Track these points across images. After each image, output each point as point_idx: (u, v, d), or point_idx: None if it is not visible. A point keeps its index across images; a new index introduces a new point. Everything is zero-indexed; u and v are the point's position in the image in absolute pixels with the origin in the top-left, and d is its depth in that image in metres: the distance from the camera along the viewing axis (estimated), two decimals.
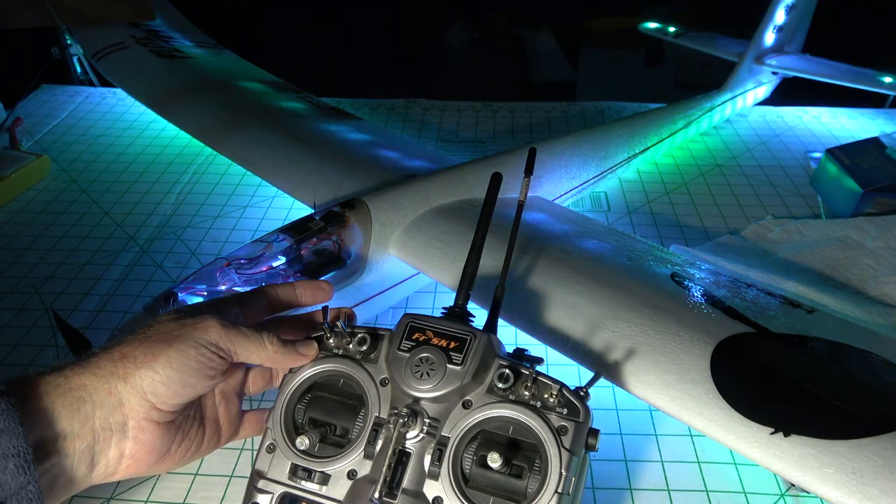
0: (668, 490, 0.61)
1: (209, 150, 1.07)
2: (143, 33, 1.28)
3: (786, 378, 0.53)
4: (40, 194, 1.06)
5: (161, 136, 1.23)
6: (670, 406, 0.53)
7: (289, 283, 0.52)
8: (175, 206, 1.03)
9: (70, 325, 0.62)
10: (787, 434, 0.48)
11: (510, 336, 0.72)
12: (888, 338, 0.60)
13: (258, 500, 0.43)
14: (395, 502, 0.41)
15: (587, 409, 0.42)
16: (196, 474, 0.63)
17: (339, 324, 0.46)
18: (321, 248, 0.68)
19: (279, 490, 0.43)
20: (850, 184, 0.96)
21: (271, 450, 0.44)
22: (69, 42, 1.36)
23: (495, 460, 0.39)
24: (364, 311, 0.72)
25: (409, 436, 0.42)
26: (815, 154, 1.15)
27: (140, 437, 0.40)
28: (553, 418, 0.41)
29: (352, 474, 0.42)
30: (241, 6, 2.07)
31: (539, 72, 2.10)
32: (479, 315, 0.50)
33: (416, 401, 0.43)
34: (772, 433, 0.48)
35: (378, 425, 0.43)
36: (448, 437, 0.41)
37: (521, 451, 0.42)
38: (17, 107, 1.28)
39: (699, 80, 1.70)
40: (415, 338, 0.45)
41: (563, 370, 0.69)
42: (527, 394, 0.42)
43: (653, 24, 1.50)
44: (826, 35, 1.37)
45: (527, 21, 2.14)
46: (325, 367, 0.46)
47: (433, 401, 0.43)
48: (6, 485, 0.33)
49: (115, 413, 0.39)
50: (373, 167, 0.87)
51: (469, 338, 0.44)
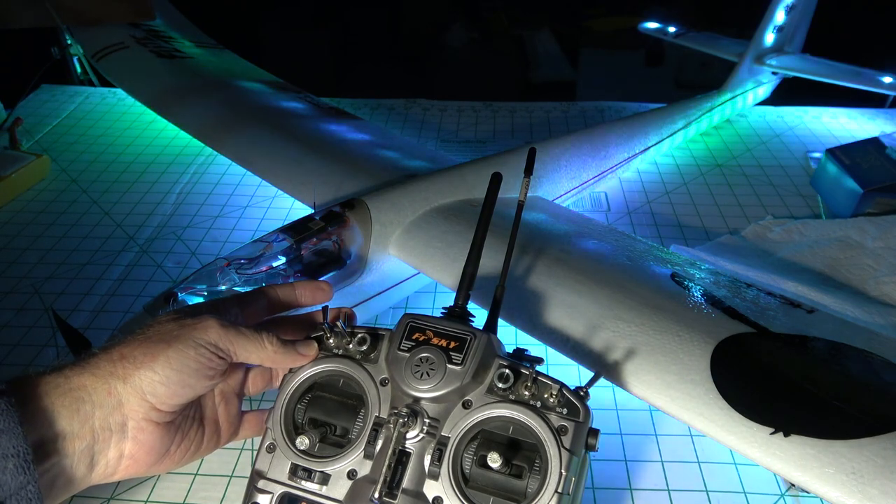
0: (668, 490, 0.61)
1: (209, 150, 1.07)
2: (143, 33, 1.28)
3: (786, 378, 0.53)
4: (40, 194, 1.06)
5: (161, 136, 1.23)
6: (670, 406, 0.53)
7: (288, 284, 0.52)
8: (175, 206, 1.03)
9: (70, 325, 0.62)
10: (787, 434, 0.48)
11: (510, 336, 0.72)
12: (888, 338, 0.60)
13: (258, 500, 0.43)
14: (395, 502, 0.41)
15: (587, 409, 0.42)
16: (196, 474, 0.63)
17: (339, 324, 0.46)
18: (321, 248, 0.68)
19: (279, 490, 0.43)
20: (850, 184, 0.96)
21: (271, 450, 0.44)
22: (69, 42, 1.36)
23: (495, 460, 0.39)
24: (364, 311, 0.72)
25: (409, 436, 0.42)
26: (815, 154, 1.15)
27: (139, 437, 0.40)
28: (553, 418, 0.41)
29: (352, 474, 0.42)
30: (241, 6, 2.07)
31: (539, 72, 2.10)
32: (479, 315, 0.50)
33: (416, 401, 0.43)
34: (772, 433, 0.48)
35: (378, 425, 0.43)
36: (448, 437, 0.41)
37: (521, 451, 0.42)
38: (17, 107, 1.28)
39: (699, 80, 1.70)
40: (415, 338, 0.45)
41: (563, 370, 0.69)
42: (527, 394, 0.42)
43: (653, 24, 1.50)
44: (826, 35, 1.37)
45: (527, 21, 2.14)
46: (325, 367, 0.46)
47: (433, 401, 0.43)
48: (6, 485, 0.33)
49: (114, 413, 0.39)
50: (373, 167, 0.87)
51: (469, 338, 0.44)
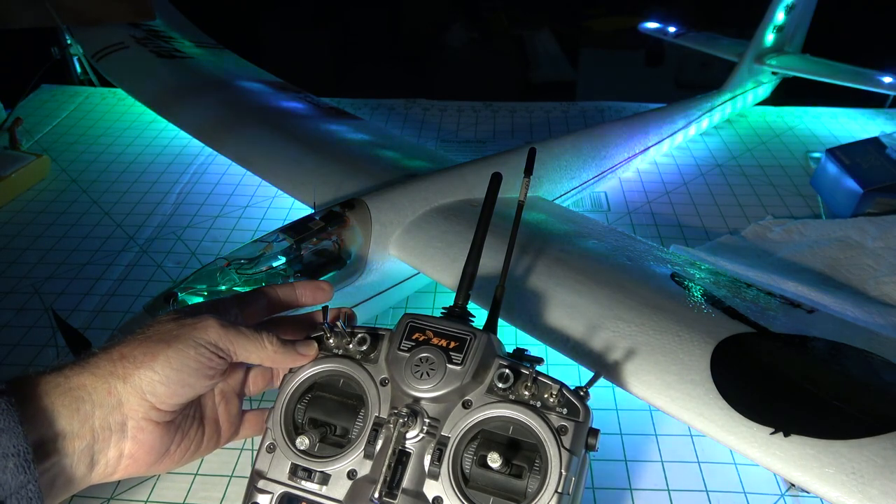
0: (668, 490, 0.61)
1: (209, 150, 1.07)
2: (143, 33, 1.28)
3: (786, 378, 0.53)
4: (40, 194, 1.06)
5: (161, 136, 1.23)
6: (670, 406, 0.53)
7: (289, 284, 0.52)
8: (175, 206, 1.03)
9: (70, 325, 0.62)
10: (787, 434, 0.48)
11: (510, 336, 0.72)
12: (888, 338, 0.60)
13: (258, 500, 0.43)
14: (395, 502, 0.41)
15: (587, 408, 0.42)
16: (196, 474, 0.63)
17: (339, 324, 0.46)
18: (321, 248, 0.68)
19: (279, 490, 0.43)
20: (850, 184, 0.96)
21: (271, 450, 0.44)
22: (69, 42, 1.36)
23: (495, 460, 0.39)
24: (364, 311, 0.72)
25: (409, 436, 0.42)
26: (815, 154, 1.15)
27: (139, 436, 0.40)
28: (553, 418, 0.41)
29: (352, 474, 0.42)
30: (241, 6, 2.07)
31: (539, 72, 2.10)
32: (479, 315, 0.50)
33: (416, 401, 0.43)
34: (772, 433, 0.48)
35: (378, 425, 0.43)
36: (448, 437, 0.41)
37: (521, 450, 0.42)
38: (17, 107, 1.28)
39: (699, 80, 1.69)
40: (415, 338, 0.45)
41: (563, 370, 0.70)
42: (527, 394, 0.42)
43: (653, 24, 1.50)
44: (826, 35, 1.37)
45: (527, 21, 2.14)
46: (325, 367, 0.46)
47: (433, 401, 0.43)
48: (6, 484, 0.34)
49: (114, 413, 0.39)
50: (373, 167, 0.87)
51: (469, 338, 0.44)
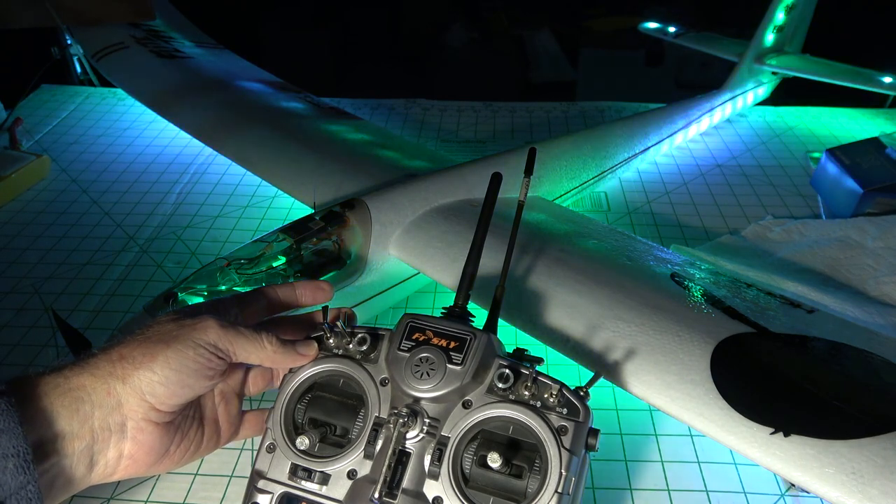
0: (668, 490, 0.61)
1: (209, 150, 1.07)
2: (143, 33, 1.28)
3: (786, 378, 0.53)
4: (40, 194, 1.06)
5: (161, 136, 1.23)
6: (670, 406, 0.53)
7: (289, 284, 0.52)
8: (175, 206, 1.03)
9: (70, 325, 0.62)
10: (787, 434, 0.48)
11: (510, 336, 0.72)
12: (888, 338, 0.60)
13: (258, 500, 0.43)
14: (395, 502, 0.40)
15: (587, 408, 0.42)
16: (196, 474, 0.63)
17: (339, 324, 0.46)
18: (321, 248, 0.68)
19: (279, 490, 0.43)
20: (850, 184, 0.96)
21: (271, 450, 0.44)
22: (69, 42, 1.36)
23: (495, 460, 0.39)
24: (364, 311, 0.72)
25: (409, 436, 0.42)
26: (815, 154, 1.15)
27: (139, 437, 0.40)
28: (553, 418, 0.41)
29: (352, 474, 0.42)
30: (241, 6, 2.07)
31: (539, 72, 2.10)
32: (480, 315, 0.50)
33: (416, 401, 0.43)
34: (772, 433, 0.48)
35: (378, 425, 0.43)
36: (448, 437, 0.41)
37: (521, 451, 0.41)
38: (17, 107, 1.28)
39: (699, 80, 1.70)
40: (415, 338, 0.44)
41: (563, 370, 0.70)
42: (527, 394, 0.42)
43: (653, 24, 1.50)
44: (826, 35, 1.37)
45: (527, 21, 2.14)
46: (325, 367, 0.46)
47: (433, 401, 0.43)
48: (6, 484, 0.33)
49: (113, 413, 0.39)
50: (373, 167, 0.87)
51: (469, 338, 0.44)
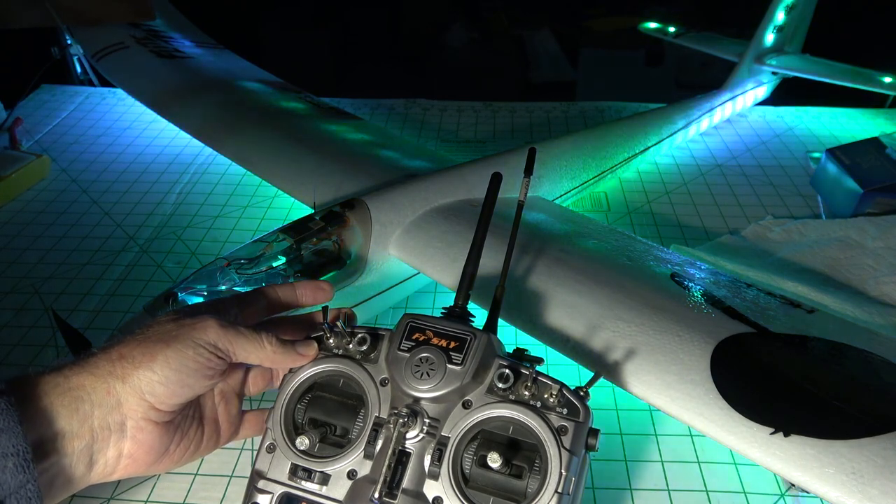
0: (668, 490, 0.61)
1: (209, 150, 1.07)
2: (143, 33, 1.28)
3: (786, 378, 0.53)
4: (40, 194, 1.06)
5: (161, 136, 1.23)
6: (670, 406, 0.53)
7: (289, 284, 0.52)
8: (175, 206, 1.03)
9: (70, 325, 0.62)
10: (787, 434, 0.48)
11: (510, 336, 0.72)
12: (888, 338, 0.60)
13: (258, 500, 0.43)
14: (395, 502, 0.40)
15: (587, 409, 0.42)
16: (196, 474, 0.63)
17: (339, 324, 0.46)
18: (321, 248, 0.68)
19: (279, 490, 0.43)
20: (850, 184, 0.96)
21: (271, 450, 0.44)
22: (69, 42, 1.35)
23: (495, 460, 0.39)
24: (364, 311, 0.72)
25: (409, 436, 0.42)
26: (815, 154, 1.15)
27: (138, 436, 0.40)
28: (553, 418, 0.41)
29: (352, 474, 0.42)
30: (241, 6, 2.07)
31: (539, 72, 2.10)
32: (480, 315, 0.49)
33: (416, 401, 0.43)
34: (772, 433, 0.48)
35: (378, 425, 0.43)
36: (448, 437, 0.41)
37: (521, 451, 0.41)
38: (17, 107, 1.28)
39: (699, 80, 1.69)
40: (415, 338, 0.44)
41: (563, 370, 0.69)
42: (527, 394, 0.42)
43: (653, 24, 1.50)
44: (826, 35, 1.37)
45: (527, 21, 2.14)
46: (325, 367, 0.46)
47: (433, 401, 0.43)
48: (5, 483, 0.33)
49: (113, 413, 0.39)
50: (373, 167, 0.87)
51: (469, 338, 0.44)
